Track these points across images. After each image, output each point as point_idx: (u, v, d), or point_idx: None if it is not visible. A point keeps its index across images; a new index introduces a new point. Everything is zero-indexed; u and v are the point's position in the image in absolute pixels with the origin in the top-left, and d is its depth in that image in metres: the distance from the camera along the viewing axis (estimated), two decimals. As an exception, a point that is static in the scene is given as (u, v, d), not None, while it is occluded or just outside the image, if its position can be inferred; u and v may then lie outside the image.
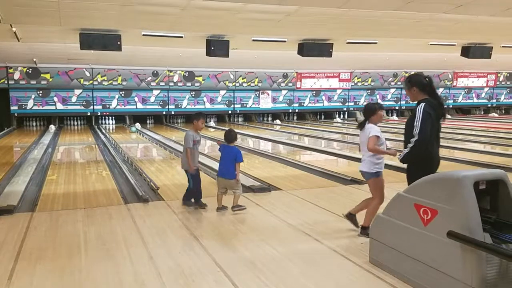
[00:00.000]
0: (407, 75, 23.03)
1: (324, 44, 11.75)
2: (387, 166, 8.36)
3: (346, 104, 22.72)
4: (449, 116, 23.55)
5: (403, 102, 23.76)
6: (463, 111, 25.53)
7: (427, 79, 3.85)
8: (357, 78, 22.45)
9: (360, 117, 23.07)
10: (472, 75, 24.24)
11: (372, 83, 22.77)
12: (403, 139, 3.85)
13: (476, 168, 6.86)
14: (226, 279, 3.43)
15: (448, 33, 10.74)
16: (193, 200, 5.67)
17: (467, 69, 23.63)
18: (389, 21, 9.00)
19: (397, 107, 23.81)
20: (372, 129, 4.27)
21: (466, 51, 12.79)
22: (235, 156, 5.30)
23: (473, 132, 15.16)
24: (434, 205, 3.06)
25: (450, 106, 24.81)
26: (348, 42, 12.38)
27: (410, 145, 3.69)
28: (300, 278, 3.45)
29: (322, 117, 23.04)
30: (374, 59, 18.31)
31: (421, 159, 3.70)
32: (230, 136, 5.41)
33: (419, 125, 3.63)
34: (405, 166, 3.90)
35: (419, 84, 3.82)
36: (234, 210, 5.35)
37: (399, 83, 23.14)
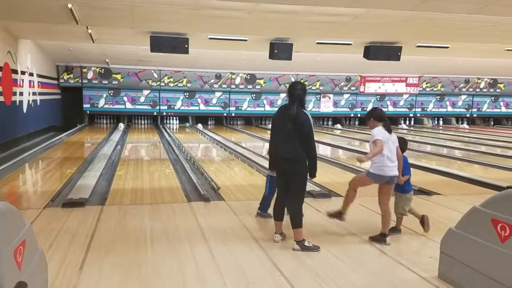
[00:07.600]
0: (479, 81, 21.79)
1: (392, 47, 11.40)
2: (458, 177, 7.96)
3: (413, 110, 21.86)
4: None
5: (474, 110, 22.46)
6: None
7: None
8: (426, 83, 21.51)
9: (428, 123, 22.15)
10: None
11: (442, 89, 21.71)
12: (473, 148, 3.66)
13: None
14: (287, 284, 3.39)
15: (529, 37, 10.06)
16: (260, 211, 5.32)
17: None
18: (464, 25, 8.56)
19: (468, 115, 22.56)
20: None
21: (548, 57, 11.90)
22: None
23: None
24: (514, 221, 2.84)
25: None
26: (418, 46, 11.93)
27: None
28: (364, 289, 3.34)
29: (387, 122, 22.28)
30: (444, 63, 17.49)
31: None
32: None
33: None
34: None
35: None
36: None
37: (470, 89, 21.92)
